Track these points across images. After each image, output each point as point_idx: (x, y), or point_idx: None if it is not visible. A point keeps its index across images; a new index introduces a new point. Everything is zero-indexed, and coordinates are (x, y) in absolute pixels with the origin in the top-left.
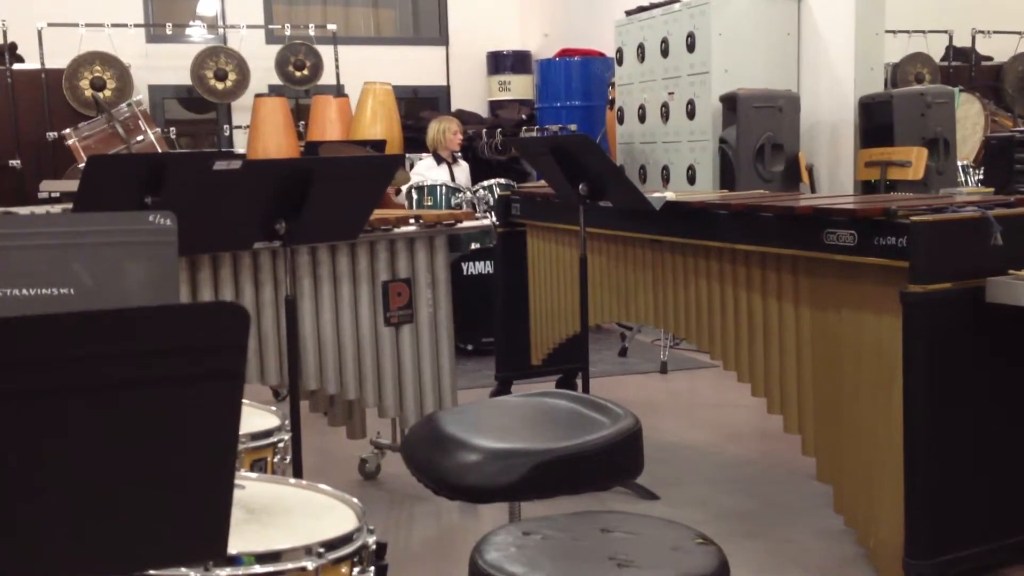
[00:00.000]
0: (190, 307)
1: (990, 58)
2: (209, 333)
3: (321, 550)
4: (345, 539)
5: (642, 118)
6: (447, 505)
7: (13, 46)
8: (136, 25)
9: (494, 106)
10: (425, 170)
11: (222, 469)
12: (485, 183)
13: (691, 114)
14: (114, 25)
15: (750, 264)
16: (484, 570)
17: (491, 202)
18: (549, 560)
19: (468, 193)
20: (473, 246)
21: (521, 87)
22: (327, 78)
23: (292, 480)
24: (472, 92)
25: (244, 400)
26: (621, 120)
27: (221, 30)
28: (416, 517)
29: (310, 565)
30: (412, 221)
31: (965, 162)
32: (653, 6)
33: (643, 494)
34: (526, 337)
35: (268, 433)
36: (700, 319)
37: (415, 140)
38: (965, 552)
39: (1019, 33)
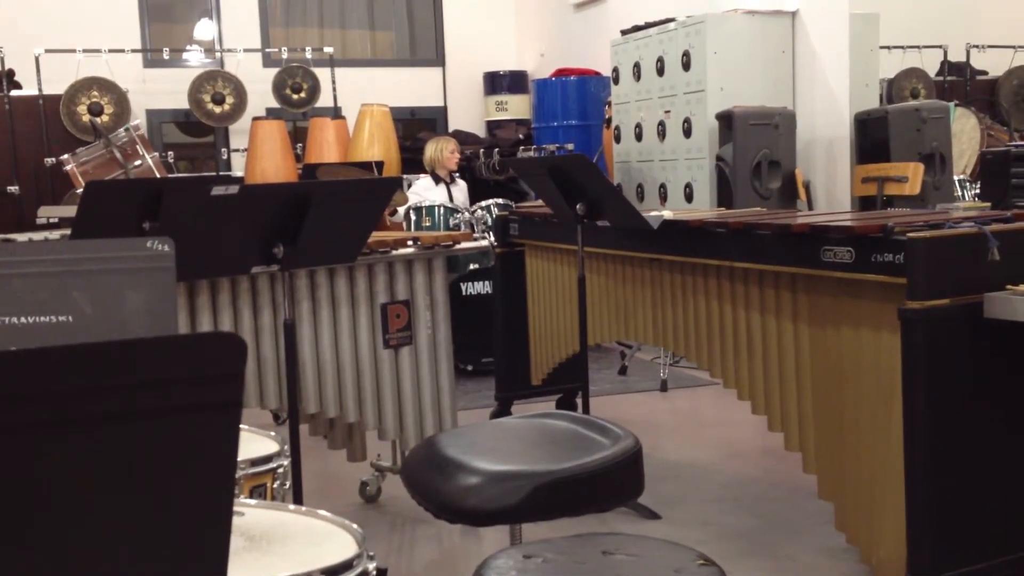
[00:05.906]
0: (187, 338)
1: (985, 72)
2: (206, 364)
3: None
4: (345, 565)
5: (639, 136)
6: (448, 528)
7: (11, 72)
8: (133, 50)
9: (491, 126)
10: (423, 190)
11: (220, 498)
12: (483, 203)
13: (687, 132)
14: (111, 51)
15: (748, 282)
16: None
17: (489, 222)
18: None
19: (466, 213)
20: (472, 267)
21: (518, 107)
22: (324, 100)
23: (291, 506)
24: (469, 112)
25: (243, 426)
26: (618, 139)
27: (218, 54)
28: (417, 540)
29: None
30: (410, 243)
31: (961, 177)
32: (649, 25)
33: (645, 514)
34: (526, 357)
35: (267, 459)
36: (699, 337)
37: (413, 161)
38: (967, 568)
39: (1014, 47)
